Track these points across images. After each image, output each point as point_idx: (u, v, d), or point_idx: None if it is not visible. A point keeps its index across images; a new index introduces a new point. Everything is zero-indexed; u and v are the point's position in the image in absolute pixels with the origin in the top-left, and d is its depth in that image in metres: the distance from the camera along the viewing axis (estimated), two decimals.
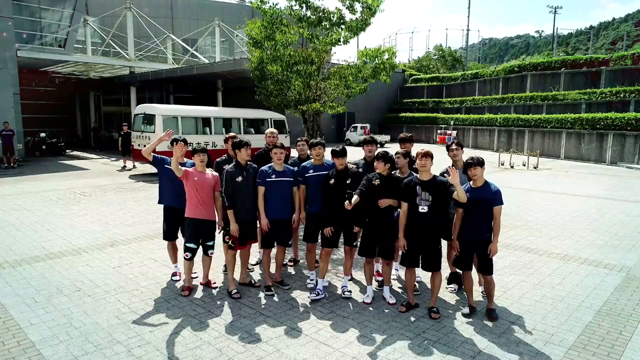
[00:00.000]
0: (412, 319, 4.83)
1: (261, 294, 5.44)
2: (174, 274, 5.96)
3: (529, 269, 6.45)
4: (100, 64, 26.51)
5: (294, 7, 9.12)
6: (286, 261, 6.45)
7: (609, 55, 27.46)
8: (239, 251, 5.49)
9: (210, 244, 5.46)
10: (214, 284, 5.69)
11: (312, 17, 8.92)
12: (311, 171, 5.51)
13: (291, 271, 6.37)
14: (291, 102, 9.96)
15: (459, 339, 4.41)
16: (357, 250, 5.37)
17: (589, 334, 4.53)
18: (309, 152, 5.93)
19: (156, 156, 5.72)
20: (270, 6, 9.06)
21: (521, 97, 27.93)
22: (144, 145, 10.56)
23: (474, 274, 5.10)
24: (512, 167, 19.12)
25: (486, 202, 4.71)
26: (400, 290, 5.67)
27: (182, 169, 5.22)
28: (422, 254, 4.87)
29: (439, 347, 4.25)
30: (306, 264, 6.06)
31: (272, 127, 18.52)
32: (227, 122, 18.57)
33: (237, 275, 5.69)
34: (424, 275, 5.71)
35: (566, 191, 13.21)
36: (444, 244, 5.12)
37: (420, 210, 4.71)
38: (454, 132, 30.08)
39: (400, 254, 5.10)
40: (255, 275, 6.12)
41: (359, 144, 16.64)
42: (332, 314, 4.94)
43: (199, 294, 5.48)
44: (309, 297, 5.32)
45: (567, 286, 5.78)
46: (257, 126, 19.57)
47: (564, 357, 4.10)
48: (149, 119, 16.36)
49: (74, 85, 30.60)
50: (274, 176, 5.32)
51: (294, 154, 6.60)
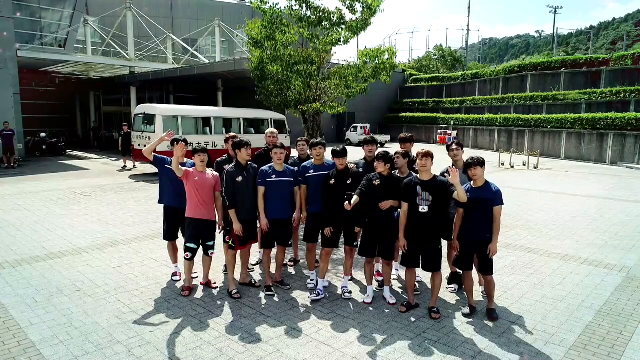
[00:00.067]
0: (413, 319, 4.83)
1: (261, 294, 5.44)
2: (174, 274, 5.96)
3: (529, 269, 6.45)
4: (100, 64, 26.55)
5: (294, 7, 9.12)
6: (286, 261, 6.45)
7: (609, 55, 27.46)
8: (239, 251, 5.49)
9: (210, 244, 5.46)
10: (214, 284, 5.69)
11: (312, 17, 8.93)
12: (312, 171, 5.51)
13: (291, 271, 6.37)
14: (291, 102, 9.96)
15: (460, 339, 4.41)
16: (357, 250, 5.37)
17: (590, 334, 4.53)
18: (309, 152, 5.94)
19: (157, 156, 5.73)
20: (270, 6, 9.07)
21: (521, 97, 27.93)
22: (144, 145, 10.59)
23: (474, 274, 5.09)
24: (512, 167, 19.11)
25: (486, 202, 4.71)
26: (400, 290, 5.67)
27: (183, 169, 5.22)
28: (423, 254, 4.88)
29: (439, 347, 4.25)
30: (306, 264, 6.06)
31: (272, 127, 18.52)
32: (227, 122, 18.57)
33: (237, 275, 5.69)
34: (424, 275, 5.70)
35: (566, 191, 13.20)
36: (444, 244, 5.12)
37: (420, 210, 4.71)
38: (454, 132, 30.07)
39: (400, 254, 5.10)
40: (255, 275, 6.12)
41: (359, 144, 16.62)
42: (332, 314, 4.94)
43: (199, 294, 5.48)
44: (309, 297, 5.32)
45: (567, 286, 5.78)
46: (257, 126, 19.57)
47: (565, 357, 4.10)
48: (149, 119, 16.37)
49: (74, 85, 30.63)
50: (274, 176, 5.32)
51: (294, 154, 6.60)
